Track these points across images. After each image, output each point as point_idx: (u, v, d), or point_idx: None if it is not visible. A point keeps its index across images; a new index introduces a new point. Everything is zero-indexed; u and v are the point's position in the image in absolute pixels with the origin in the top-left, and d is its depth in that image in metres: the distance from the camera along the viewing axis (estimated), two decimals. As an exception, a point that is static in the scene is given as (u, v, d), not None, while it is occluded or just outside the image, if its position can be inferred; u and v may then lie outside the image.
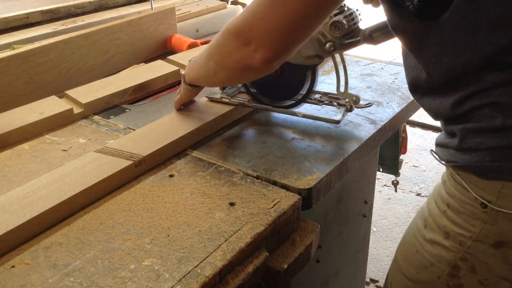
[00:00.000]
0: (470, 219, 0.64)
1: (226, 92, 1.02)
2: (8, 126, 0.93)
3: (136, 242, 0.66)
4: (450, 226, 0.66)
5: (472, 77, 0.59)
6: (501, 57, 0.57)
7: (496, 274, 0.64)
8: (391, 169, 1.44)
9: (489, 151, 0.60)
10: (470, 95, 0.60)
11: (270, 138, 0.93)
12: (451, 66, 0.60)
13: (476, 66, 0.58)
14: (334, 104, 0.99)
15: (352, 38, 0.89)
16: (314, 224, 0.78)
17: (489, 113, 0.59)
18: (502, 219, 0.61)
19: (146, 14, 1.35)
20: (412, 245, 0.73)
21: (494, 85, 0.58)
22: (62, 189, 0.73)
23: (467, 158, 0.62)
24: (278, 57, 0.68)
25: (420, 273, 0.71)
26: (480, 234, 0.63)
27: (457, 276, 0.66)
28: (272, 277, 0.70)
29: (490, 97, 0.58)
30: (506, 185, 0.59)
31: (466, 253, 0.65)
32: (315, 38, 0.89)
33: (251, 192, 0.76)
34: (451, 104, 0.62)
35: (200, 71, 0.83)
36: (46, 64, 1.12)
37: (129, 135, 0.91)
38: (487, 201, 0.61)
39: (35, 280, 0.60)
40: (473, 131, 0.61)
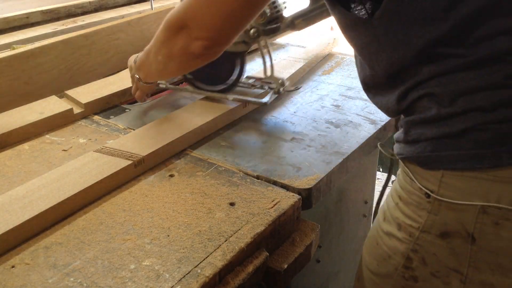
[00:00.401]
0: (417, 209, 0.64)
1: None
2: (8, 126, 0.93)
3: (136, 242, 0.66)
4: (401, 217, 0.67)
5: (410, 71, 0.61)
6: (433, 49, 0.58)
7: (446, 266, 0.64)
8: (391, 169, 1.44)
9: (428, 142, 0.61)
10: (410, 89, 0.62)
11: (270, 138, 0.93)
12: (389, 62, 0.62)
13: (412, 60, 0.60)
14: (265, 88, 1.05)
15: (275, 24, 0.95)
16: (314, 224, 0.78)
17: (426, 104, 0.61)
18: (445, 209, 0.61)
19: (146, 14, 1.35)
20: (374, 238, 0.74)
21: (429, 77, 0.59)
22: (61, 189, 0.73)
23: (412, 150, 0.63)
24: (218, 44, 0.72)
25: (380, 265, 0.72)
26: (426, 225, 0.64)
27: (411, 268, 0.67)
28: (272, 277, 0.70)
29: (425, 89, 0.60)
30: (446, 174, 0.60)
31: (415, 244, 0.65)
32: None
33: (251, 192, 0.76)
34: (396, 99, 0.64)
35: (151, 67, 0.85)
36: (46, 64, 1.12)
37: (128, 135, 0.91)
38: (430, 190, 0.62)
39: (35, 280, 0.60)
40: (415, 123, 0.63)
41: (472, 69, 0.56)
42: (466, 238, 0.61)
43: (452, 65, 0.57)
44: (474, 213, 0.59)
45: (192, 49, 0.71)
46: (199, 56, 0.72)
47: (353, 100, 1.09)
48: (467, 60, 0.56)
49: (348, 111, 1.03)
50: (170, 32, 0.74)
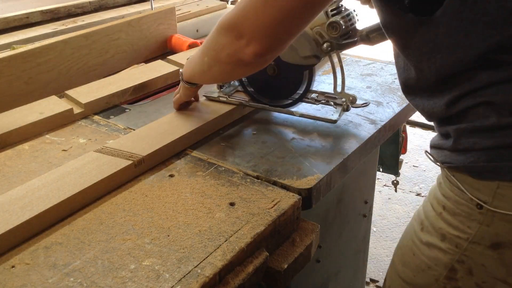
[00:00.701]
0: (466, 220, 0.63)
1: (223, 91, 1.03)
2: (8, 126, 0.93)
3: (136, 242, 0.66)
4: (446, 228, 0.66)
5: (465, 76, 0.59)
6: (495, 55, 0.56)
7: (493, 276, 0.63)
8: (391, 169, 1.44)
9: (484, 151, 0.59)
10: (463, 95, 0.60)
11: (270, 138, 0.93)
12: (444, 64, 0.60)
13: (470, 64, 0.58)
14: (331, 103, 0.99)
15: (349, 38, 0.90)
16: (314, 224, 0.78)
17: (483, 113, 0.59)
18: (498, 220, 0.60)
19: (146, 14, 1.35)
20: (409, 248, 0.72)
21: (487, 84, 0.57)
22: (61, 189, 0.73)
23: (462, 159, 0.62)
24: (269, 51, 0.68)
25: (418, 276, 0.70)
26: (476, 236, 0.63)
27: (455, 278, 0.66)
28: (272, 277, 0.70)
29: (483, 96, 0.58)
30: (502, 185, 0.59)
31: (462, 255, 0.64)
32: (312, 38, 0.89)
33: (251, 192, 0.76)
34: (445, 104, 0.62)
35: (196, 67, 0.84)
36: (46, 64, 1.12)
37: (128, 135, 0.91)
38: (482, 201, 0.61)
39: (35, 280, 0.60)
40: (468, 131, 0.61)
41: None
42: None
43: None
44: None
45: (241, 56, 0.68)
46: (248, 64, 0.70)
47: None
48: None
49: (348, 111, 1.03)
50: (220, 35, 0.71)
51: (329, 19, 0.87)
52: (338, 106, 0.98)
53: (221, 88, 1.03)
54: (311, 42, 0.89)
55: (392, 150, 1.39)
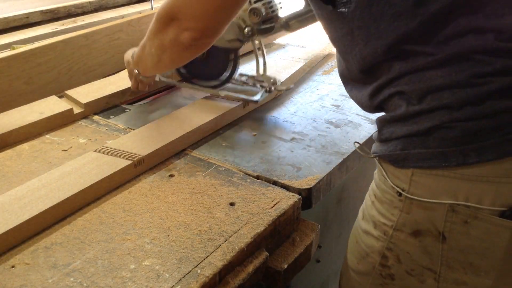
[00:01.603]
0: (390, 208, 0.65)
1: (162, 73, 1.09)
2: (8, 126, 0.93)
3: (136, 242, 0.66)
4: (376, 216, 0.67)
5: (382, 68, 0.61)
6: (402, 45, 0.58)
7: (420, 264, 0.64)
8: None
9: (399, 140, 0.61)
10: (381, 86, 0.62)
11: (270, 138, 0.93)
12: (361, 56, 0.62)
13: (383, 56, 0.60)
14: (257, 86, 1.05)
15: (269, 24, 0.96)
16: (314, 224, 0.78)
17: (397, 102, 0.61)
18: (415, 207, 0.62)
19: (146, 14, 1.35)
20: (354, 236, 0.74)
21: (399, 74, 0.59)
22: (61, 189, 0.73)
23: (385, 148, 0.64)
24: (206, 35, 0.72)
25: (360, 263, 0.72)
26: (398, 223, 0.64)
27: (387, 266, 0.67)
28: (272, 277, 0.70)
29: (397, 86, 0.60)
30: (416, 173, 0.60)
31: (390, 243, 0.66)
32: (235, 23, 0.95)
33: (251, 192, 0.76)
34: (368, 95, 0.64)
35: (147, 61, 0.86)
36: (46, 64, 1.12)
37: (128, 134, 0.91)
38: (401, 189, 0.62)
39: (35, 280, 0.60)
40: (387, 121, 0.63)
41: (440, 67, 0.57)
42: (437, 236, 0.61)
43: (420, 62, 0.58)
44: (444, 211, 0.59)
45: (181, 40, 0.72)
46: (189, 47, 0.73)
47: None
48: (435, 58, 0.57)
49: (348, 111, 1.03)
50: (161, 24, 0.74)
51: (251, 5, 0.93)
52: (263, 88, 1.03)
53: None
54: (234, 26, 0.96)
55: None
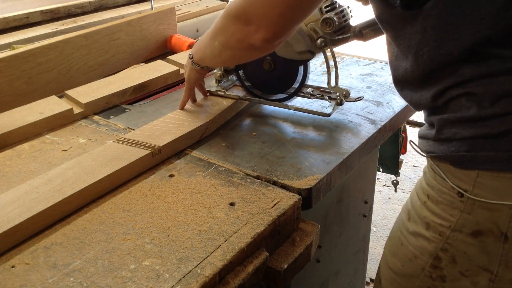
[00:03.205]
0: (448, 208, 0.65)
1: (221, 85, 1.05)
2: (8, 126, 0.93)
3: (136, 242, 0.66)
4: (430, 216, 0.67)
5: (450, 70, 0.61)
6: (481, 48, 0.57)
7: (476, 264, 0.64)
8: (391, 169, 1.44)
9: (464, 141, 0.61)
10: (448, 87, 0.61)
11: (270, 138, 0.93)
12: (431, 57, 0.61)
13: (456, 58, 0.59)
14: (325, 98, 1.02)
15: (343, 34, 0.92)
16: (314, 224, 0.78)
17: (464, 104, 0.60)
18: (478, 208, 0.62)
19: (146, 14, 1.35)
20: (398, 238, 0.74)
21: (471, 77, 0.59)
22: (62, 189, 0.73)
23: (444, 148, 0.63)
24: (277, 37, 0.71)
25: (405, 266, 0.72)
26: (458, 224, 0.64)
27: (439, 267, 0.67)
28: (272, 277, 0.70)
29: (466, 88, 0.60)
30: (481, 174, 0.60)
31: (446, 244, 0.66)
32: (307, 34, 0.92)
33: (251, 192, 0.76)
34: (431, 96, 0.64)
35: (206, 51, 0.86)
36: (46, 64, 1.12)
37: (140, 128, 0.91)
38: (463, 190, 0.62)
39: (35, 280, 0.60)
40: (450, 122, 0.62)
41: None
42: (499, 237, 0.61)
43: (496, 67, 0.57)
44: (508, 212, 0.60)
45: (251, 41, 0.72)
46: (258, 48, 0.73)
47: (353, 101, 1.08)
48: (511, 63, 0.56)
49: (348, 111, 1.03)
50: (229, 21, 0.74)
51: (323, 15, 0.90)
52: (333, 101, 1.00)
53: (219, 82, 1.05)
54: (305, 37, 0.92)
55: (392, 150, 1.39)
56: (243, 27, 0.72)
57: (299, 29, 0.90)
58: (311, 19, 0.90)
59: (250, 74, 1.01)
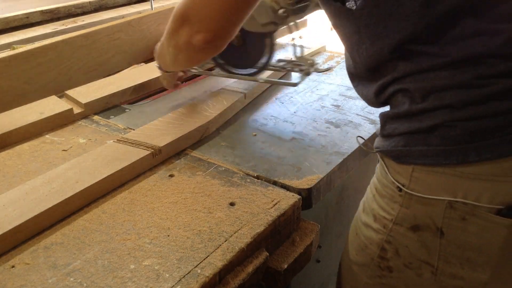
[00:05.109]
0: (390, 202, 0.66)
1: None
2: (8, 126, 0.93)
3: (136, 242, 0.66)
4: (377, 209, 0.68)
5: (388, 66, 0.62)
6: (409, 45, 0.59)
7: (417, 258, 0.65)
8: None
9: (401, 136, 0.62)
10: (387, 83, 0.63)
11: (270, 138, 0.93)
12: (369, 54, 0.63)
13: (389, 55, 0.61)
14: (296, 70, 1.04)
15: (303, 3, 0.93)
16: (314, 224, 0.78)
17: (400, 99, 0.62)
18: (415, 203, 0.63)
19: (146, 14, 1.35)
20: (354, 228, 0.75)
21: (405, 73, 0.60)
22: (61, 189, 0.73)
23: (387, 144, 0.65)
24: (218, 38, 0.72)
25: (359, 255, 0.73)
26: (398, 218, 0.65)
27: (386, 258, 0.68)
28: (272, 277, 0.70)
29: (400, 84, 0.61)
30: (416, 169, 0.61)
31: (389, 236, 0.67)
32: (269, 6, 0.93)
33: (251, 192, 0.76)
34: (374, 92, 0.65)
35: (166, 58, 0.87)
36: (46, 64, 1.12)
37: (140, 128, 0.91)
38: (401, 184, 0.63)
39: (35, 280, 0.60)
40: (390, 117, 0.64)
41: (444, 68, 0.57)
42: (435, 232, 0.62)
43: (426, 63, 0.58)
44: (442, 208, 0.60)
45: (193, 43, 0.72)
46: (201, 49, 0.73)
47: (353, 100, 1.09)
48: (440, 59, 0.57)
49: (348, 111, 1.03)
50: (175, 25, 0.75)
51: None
52: (302, 71, 1.02)
53: None
54: (268, 9, 0.93)
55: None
56: (186, 28, 0.72)
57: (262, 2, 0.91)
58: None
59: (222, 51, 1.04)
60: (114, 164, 0.79)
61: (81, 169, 0.78)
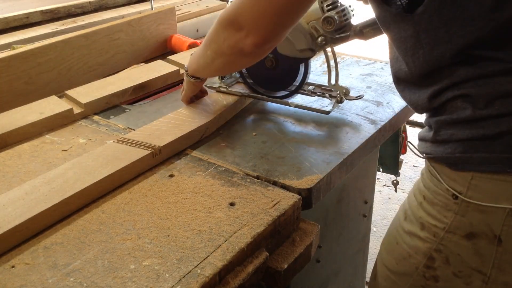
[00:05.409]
0: (443, 210, 0.65)
1: (224, 81, 1.07)
2: (8, 126, 0.93)
3: (136, 242, 0.66)
4: (425, 217, 0.67)
5: (446, 71, 0.61)
6: (472, 50, 0.58)
7: (469, 266, 0.64)
8: (391, 169, 1.44)
9: (460, 143, 0.61)
10: (444, 89, 0.62)
11: (270, 138, 0.93)
12: (426, 59, 0.62)
13: (450, 60, 0.60)
14: (326, 96, 1.03)
15: (343, 33, 0.93)
16: (314, 224, 0.78)
17: (460, 105, 0.61)
18: (472, 211, 0.62)
19: (146, 14, 1.35)
20: (393, 237, 0.74)
21: (466, 79, 0.59)
22: (61, 190, 0.73)
23: (441, 150, 0.63)
24: (267, 41, 0.72)
25: (400, 264, 0.72)
26: (452, 225, 0.64)
27: (433, 267, 0.67)
28: (272, 277, 0.70)
29: (461, 90, 0.60)
30: (476, 176, 0.60)
31: (440, 244, 0.66)
32: (308, 32, 0.93)
33: (251, 192, 0.76)
34: (427, 98, 0.64)
35: (200, 61, 0.87)
36: (46, 64, 1.12)
37: (140, 128, 0.91)
38: (458, 192, 0.62)
39: (35, 280, 0.60)
40: (446, 123, 0.63)
41: (510, 74, 0.56)
42: (492, 239, 0.61)
43: (490, 69, 0.57)
44: (502, 215, 0.60)
45: (242, 47, 0.73)
46: (249, 54, 0.74)
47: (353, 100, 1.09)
48: (505, 65, 0.56)
49: (348, 111, 1.03)
50: (221, 28, 0.76)
51: (324, 14, 0.90)
52: (333, 98, 1.01)
53: (222, 79, 1.07)
54: (306, 35, 0.93)
55: (392, 150, 1.39)
56: (234, 33, 0.73)
57: (300, 27, 0.91)
58: (312, 17, 0.91)
59: (253, 71, 1.03)
60: (114, 164, 0.79)
61: (81, 169, 0.78)
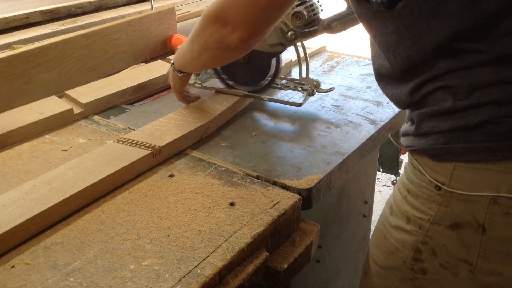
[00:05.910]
0: (427, 202, 0.65)
1: (199, 78, 1.09)
2: (8, 126, 0.93)
3: (136, 242, 0.66)
4: (410, 210, 0.68)
5: (427, 65, 0.61)
6: (453, 43, 0.59)
7: (455, 257, 0.65)
8: (391, 169, 1.44)
9: (441, 134, 0.62)
10: (425, 81, 0.62)
11: (270, 138, 0.93)
12: (407, 54, 0.62)
13: (431, 54, 0.60)
14: (298, 89, 1.06)
15: (312, 27, 0.96)
16: (314, 224, 0.78)
17: (441, 97, 0.61)
18: (455, 201, 0.62)
19: (146, 14, 1.35)
20: (381, 232, 0.75)
21: (446, 71, 0.60)
22: (61, 189, 0.73)
23: (423, 142, 0.64)
24: (253, 36, 0.74)
25: (388, 259, 0.73)
26: (436, 217, 0.65)
27: (420, 260, 0.68)
28: (272, 277, 0.70)
29: (442, 81, 0.61)
30: (458, 166, 0.61)
31: (425, 236, 0.66)
32: (278, 27, 0.95)
33: (251, 192, 0.76)
34: (409, 91, 0.65)
35: (186, 55, 0.88)
36: (46, 64, 1.12)
37: (141, 128, 0.91)
38: (440, 183, 0.63)
39: (35, 280, 0.60)
40: (428, 115, 0.63)
41: (490, 64, 0.57)
42: (476, 228, 0.62)
43: (471, 60, 0.58)
44: (485, 204, 0.60)
45: (228, 41, 0.74)
46: (235, 48, 0.75)
47: (353, 100, 1.09)
48: (486, 57, 0.57)
49: (348, 111, 1.04)
50: (207, 23, 0.76)
51: (293, 9, 0.93)
52: (305, 91, 1.04)
53: (198, 75, 1.09)
54: (276, 30, 0.96)
55: (392, 150, 1.39)
56: (220, 28, 0.74)
57: None
58: None
59: (226, 67, 1.05)
60: (114, 164, 0.79)
61: (81, 169, 0.78)
